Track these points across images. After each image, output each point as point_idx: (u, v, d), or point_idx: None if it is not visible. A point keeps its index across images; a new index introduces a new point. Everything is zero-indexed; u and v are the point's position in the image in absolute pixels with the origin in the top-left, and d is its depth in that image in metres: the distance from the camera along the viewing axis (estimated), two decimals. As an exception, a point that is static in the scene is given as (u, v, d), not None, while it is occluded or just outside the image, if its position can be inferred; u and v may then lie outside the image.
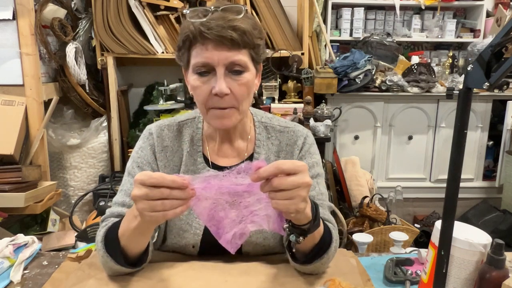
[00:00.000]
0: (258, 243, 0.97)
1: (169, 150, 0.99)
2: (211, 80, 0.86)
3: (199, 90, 0.88)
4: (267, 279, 0.87)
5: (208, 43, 0.83)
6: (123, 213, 0.91)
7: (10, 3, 2.16)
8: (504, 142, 2.90)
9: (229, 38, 0.82)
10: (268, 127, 1.03)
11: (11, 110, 2.21)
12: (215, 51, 0.83)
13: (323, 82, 2.65)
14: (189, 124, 1.02)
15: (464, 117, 0.65)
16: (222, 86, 0.84)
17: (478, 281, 0.73)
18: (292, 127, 1.04)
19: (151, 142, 0.99)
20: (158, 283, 0.86)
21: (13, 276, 0.88)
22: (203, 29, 0.82)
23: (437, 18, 3.32)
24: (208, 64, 0.85)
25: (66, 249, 2.16)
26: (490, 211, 2.82)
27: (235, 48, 0.85)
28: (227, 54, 0.84)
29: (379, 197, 2.58)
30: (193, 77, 0.88)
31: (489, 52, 0.63)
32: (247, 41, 0.86)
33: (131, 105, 3.04)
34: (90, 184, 2.70)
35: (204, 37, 0.83)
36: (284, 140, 1.02)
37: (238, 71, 0.87)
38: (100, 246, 0.85)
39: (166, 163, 0.99)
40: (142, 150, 0.99)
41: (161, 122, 1.03)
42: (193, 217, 0.96)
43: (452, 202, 0.68)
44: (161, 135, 1.00)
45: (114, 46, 2.60)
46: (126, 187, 0.97)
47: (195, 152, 1.00)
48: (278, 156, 1.01)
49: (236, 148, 1.01)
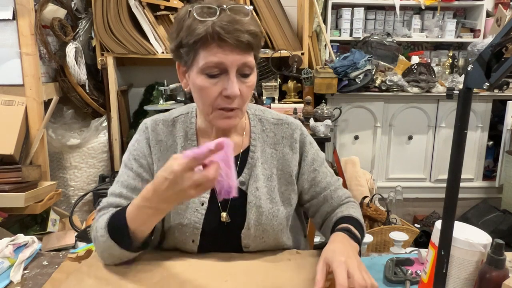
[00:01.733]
0: (257, 236, 0.97)
1: (163, 145, 1.01)
2: (221, 82, 0.87)
3: (208, 91, 0.88)
4: (267, 278, 0.87)
5: (225, 45, 0.83)
6: (121, 204, 0.94)
7: (10, 3, 2.16)
8: (504, 142, 2.90)
9: (245, 42, 0.84)
10: (263, 119, 1.05)
11: (11, 110, 2.21)
12: (230, 53, 0.84)
13: (323, 82, 2.65)
14: (183, 119, 1.03)
15: (464, 117, 0.65)
16: (236, 89, 0.86)
17: (478, 281, 0.73)
18: (284, 119, 1.07)
19: (146, 135, 1.01)
20: (158, 283, 0.86)
21: (13, 276, 0.88)
22: (221, 32, 0.82)
23: (437, 18, 3.32)
24: (222, 65, 0.85)
25: (66, 249, 2.16)
26: (490, 211, 2.82)
27: (248, 51, 0.87)
28: (240, 57, 0.85)
29: (379, 197, 2.58)
30: (200, 77, 0.88)
31: (489, 52, 0.63)
32: (257, 44, 0.88)
33: (131, 105, 3.04)
34: (90, 184, 2.70)
35: (221, 39, 0.83)
36: (279, 132, 1.04)
37: (247, 74, 0.89)
38: (103, 232, 0.86)
39: (160, 156, 1.00)
40: (138, 143, 1.02)
41: (157, 116, 1.05)
42: (191, 211, 0.96)
43: (452, 202, 0.68)
44: (156, 129, 1.02)
45: (114, 46, 2.60)
46: (123, 178, 0.99)
47: (190, 147, 1.00)
48: (275, 148, 1.03)
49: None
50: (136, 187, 0.97)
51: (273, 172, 1.01)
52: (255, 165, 1.00)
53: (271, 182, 1.01)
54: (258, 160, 1.01)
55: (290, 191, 1.03)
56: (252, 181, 0.99)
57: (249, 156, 1.01)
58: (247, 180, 0.99)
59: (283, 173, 1.02)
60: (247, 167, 1.00)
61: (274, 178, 1.01)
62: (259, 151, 1.02)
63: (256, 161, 1.01)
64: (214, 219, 0.98)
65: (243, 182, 0.99)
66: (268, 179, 1.01)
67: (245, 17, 0.85)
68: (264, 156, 1.02)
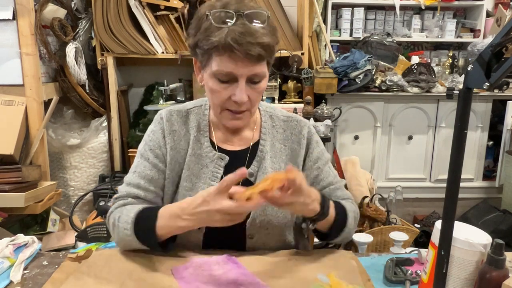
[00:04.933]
0: (262, 226, 0.99)
1: (177, 134, 1.04)
2: (231, 87, 0.91)
3: (218, 94, 0.92)
4: (266, 278, 0.87)
5: (236, 57, 0.86)
6: (140, 195, 0.99)
7: (10, 3, 2.16)
8: (504, 142, 2.89)
9: (256, 55, 0.86)
10: (273, 116, 1.10)
11: (11, 110, 2.21)
12: (241, 64, 0.87)
13: (323, 82, 2.65)
14: (196, 111, 1.07)
15: (464, 117, 0.65)
16: (244, 96, 0.90)
17: (478, 281, 0.73)
18: (294, 116, 1.11)
19: (161, 126, 1.04)
20: (159, 282, 0.85)
21: (13, 276, 0.88)
22: (233, 44, 0.84)
23: (437, 18, 3.32)
24: (231, 75, 0.89)
25: (66, 249, 2.16)
26: (490, 211, 2.82)
27: (259, 62, 0.89)
28: (250, 68, 0.88)
29: (379, 197, 2.58)
30: (212, 80, 0.92)
31: (489, 52, 0.63)
32: (270, 55, 0.91)
33: (131, 105, 3.04)
34: (90, 184, 2.70)
35: (232, 50, 0.85)
36: (289, 129, 1.08)
37: (258, 81, 0.92)
38: (128, 227, 0.90)
39: (173, 145, 1.03)
40: (154, 133, 1.04)
41: (172, 107, 1.08)
42: None
43: (452, 202, 0.68)
44: (170, 119, 1.04)
45: (114, 46, 2.60)
46: (139, 169, 1.02)
47: (202, 137, 1.04)
48: (284, 144, 1.07)
49: (243, 136, 1.06)
50: (153, 178, 1.01)
51: (281, 167, 1.04)
52: (264, 158, 1.03)
53: None
54: (268, 154, 1.04)
55: None
56: (261, 173, 1.02)
57: (258, 149, 1.04)
58: (255, 172, 1.02)
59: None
60: (256, 160, 1.03)
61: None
62: (269, 145, 1.05)
63: (266, 154, 1.04)
64: None
65: (251, 174, 1.02)
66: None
67: (262, 24, 0.88)
68: (273, 151, 1.05)
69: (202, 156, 1.02)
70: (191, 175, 1.01)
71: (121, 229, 0.93)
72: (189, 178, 1.01)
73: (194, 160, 1.02)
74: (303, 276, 0.88)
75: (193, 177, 1.01)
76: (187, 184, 1.01)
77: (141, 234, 0.90)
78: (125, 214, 0.93)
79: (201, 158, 1.02)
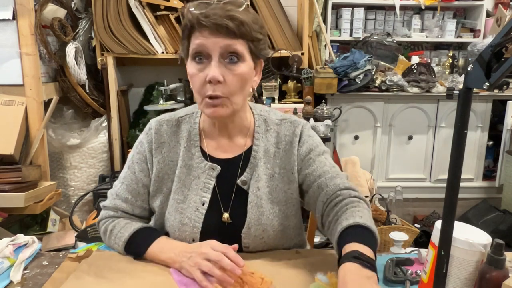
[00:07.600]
0: (257, 235, 0.97)
1: (166, 146, 1.02)
2: (207, 68, 0.88)
3: (195, 78, 0.90)
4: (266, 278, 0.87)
5: (204, 30, 0.86)
6: (127, 211, 1.03)
7: (10, 3, 2.16)
8: (504, 142, 2.89)
9: (224, 26, 0.85)
10: (267, 120, 1.05)
11: (11, 110, 2.21)
12: (211, 37, 0.86)
13: (323, 82, 2.65)
14: (187, 120, 1.05)
15: (464, 117, 0.65)
16: (216, 72, 0.86)
17: (478, 281, 0.73)
18: (288, 118, 1.06)
19: (149, 138, 1.03)
20: (159, 281, 0.85)
21: (13, 276, 0.88)
22: (201, 17, 0.85)
23: (437, 18, 3.32)
24: (203, 50, 0.87)
25: (66, 249, 2.16)
26: (490, 211, 2.82)
27: (231, 37, 0.86)
28: (222, 41, 0.86)
29: (379, 197, 2.58)
30: (191, 64, 0.91)
31: (489, 52, 0.62)
32: (244, 32, 0.87)
33: (131, 105, 3.04)
34: (90, 184, 2.69)
35: (201, 25, 0.85)
36: (282, 130, 1.04)
37: (234, 60, 0.88)
38: (121, 245, 0.97)
39: (160, 159, 1.01)
40: (141, 145, 1.04)
41: (162, 117, 1.06)
42: (192, 210, 0.97)
43: (452, 202, 0.68)
44: (160, 131, 1.03)
45: (114, 46, 2.60)
46: (127, 181, 1.04)
47: (193, 147, 1.01)
48: (278, 147, 1.03)
49: (236, 143, 1.03)
50: (139, 192, 1.03)
51: (275, 171, 1.01)
52: (257, 165, 1.00)
53: (273, 182, 1.00)
54: (261, 160, 1.01)
55: (292, 189, 1.02)
56: (254, 180, 0.99)
57: (251, 156, 1.01)
58: (248, 179, 0.99)
59: (286, 171, 1.01)
60: (249, 167, 1.00)
61: (276, 178, 1.01)
62: (262, 150, 1.01)
63: (258, 161, 1.00)
64: (214, 218, 0.98)
65: (244, 182, 0.99)
66: (270, 179, 1.00)
67: (237, 8, 0.87)
68: (267, 156, 1.01)
69: (193, 167, 1.00)
70: (182, 187, 0.99)
71: (112, 243, 0.99)
72: (181, 190, 0.99)
73: (185, 172, 1.00)
74: (302, 276, 0.88)
75: (184, 189, 0.99)
76: (179, 196, 0.99)
77: (132, 253, 0.97)
78: (118, 230, 0.99)
79: (192, 169, 1.00)
